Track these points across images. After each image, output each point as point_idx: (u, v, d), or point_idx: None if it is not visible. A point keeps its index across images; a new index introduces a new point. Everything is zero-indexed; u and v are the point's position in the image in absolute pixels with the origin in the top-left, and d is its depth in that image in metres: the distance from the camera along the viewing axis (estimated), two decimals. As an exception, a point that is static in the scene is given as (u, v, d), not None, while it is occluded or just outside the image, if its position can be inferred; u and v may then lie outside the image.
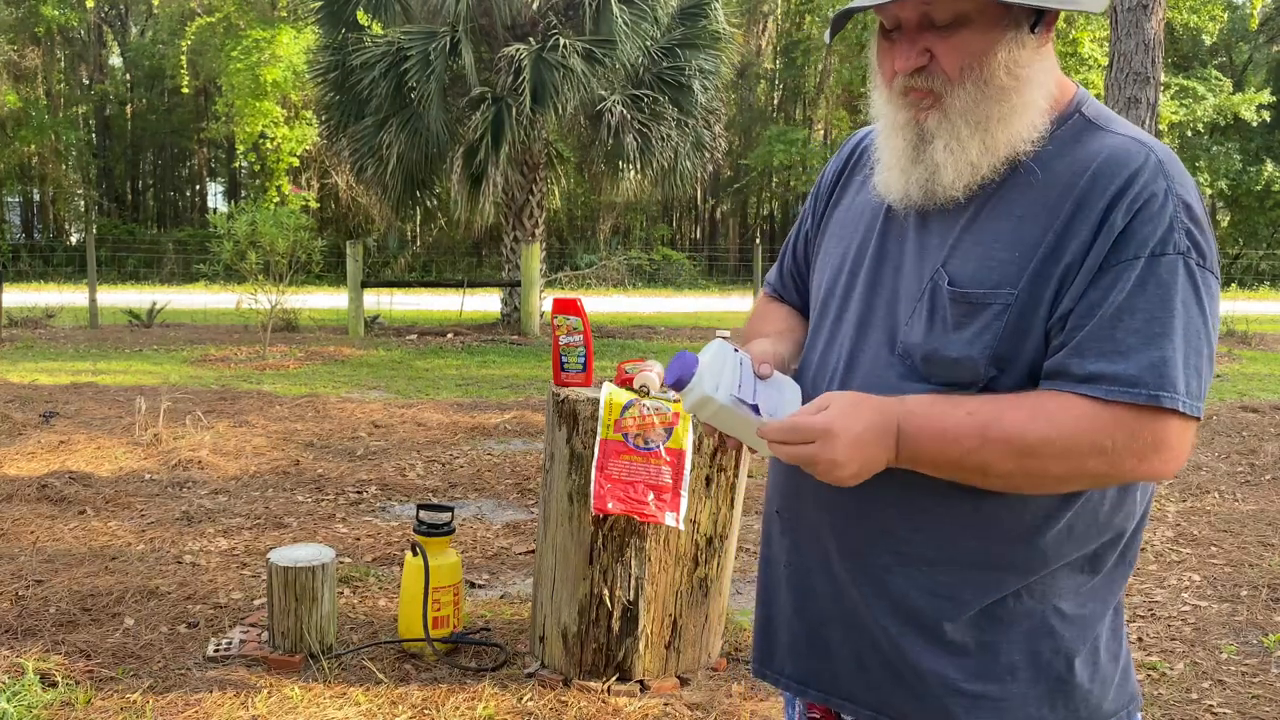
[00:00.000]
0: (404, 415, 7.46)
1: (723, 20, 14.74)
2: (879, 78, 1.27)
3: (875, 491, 1.23)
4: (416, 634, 3.22)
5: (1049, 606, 1.23)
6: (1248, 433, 6.99)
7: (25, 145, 28.46)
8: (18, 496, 5.02)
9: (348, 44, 14.02)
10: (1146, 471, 1.14)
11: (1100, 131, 1.21)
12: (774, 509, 1.42)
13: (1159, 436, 1.11)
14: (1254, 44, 31.95)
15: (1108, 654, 1.27)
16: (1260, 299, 22.91)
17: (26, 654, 3.19)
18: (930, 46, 1.19)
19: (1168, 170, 1.16)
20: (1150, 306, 1.11)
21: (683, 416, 2.87)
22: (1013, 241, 1.18)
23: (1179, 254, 1.12)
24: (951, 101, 1.20)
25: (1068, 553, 1.22)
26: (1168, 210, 1.13)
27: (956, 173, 1.21)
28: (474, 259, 29.16)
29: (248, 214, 11.70)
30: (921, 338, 1.22)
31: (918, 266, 1.25)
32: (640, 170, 14.12)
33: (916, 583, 1.24)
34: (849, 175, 1.43)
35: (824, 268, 1.40)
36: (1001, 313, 1.17)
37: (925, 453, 1.16)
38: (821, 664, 1.34)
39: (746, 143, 30.73)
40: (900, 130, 1.24)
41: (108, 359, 11.06)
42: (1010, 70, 1.18)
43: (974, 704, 1.23)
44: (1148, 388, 1.10)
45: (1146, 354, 1.10)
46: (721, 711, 2.90)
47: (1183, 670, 3.29)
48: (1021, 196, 1.20)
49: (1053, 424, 1.11)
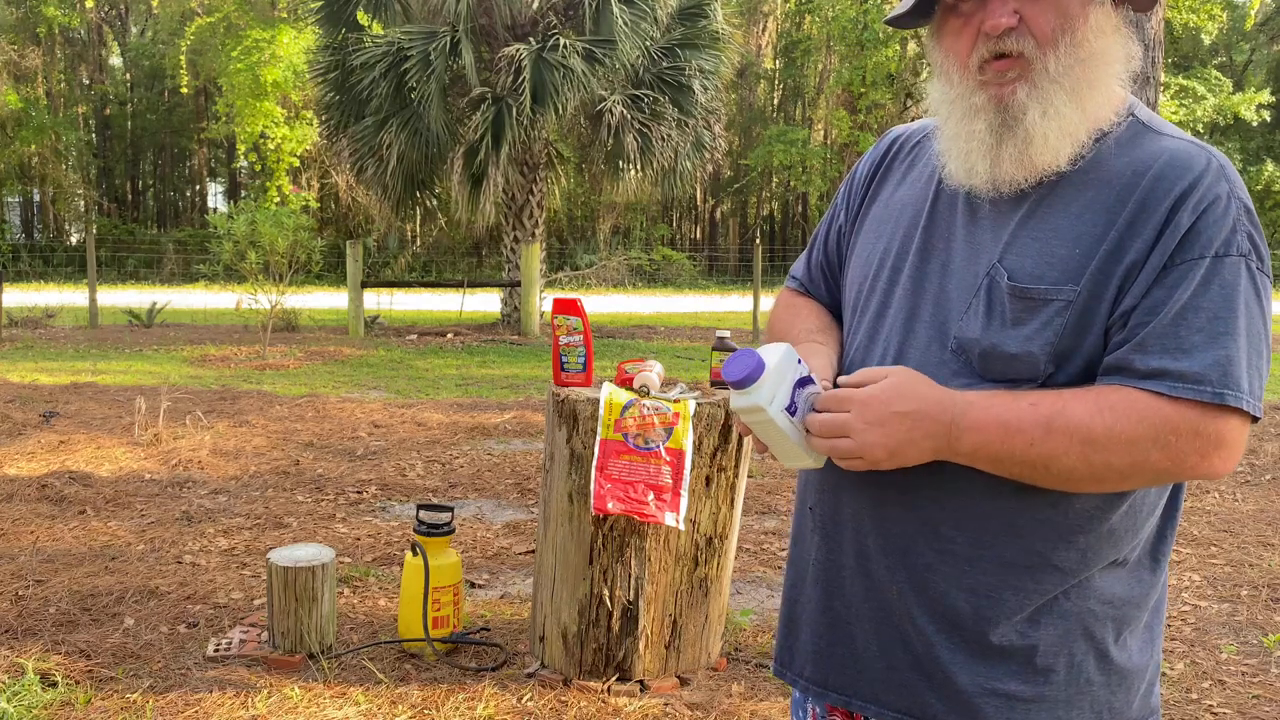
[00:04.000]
0: (404, 415, 7.46)
1: (722, 20, 14.75)
2: (949, 62, 1.23)
3: (919, 487, 1.23)
4: (416, 634, 3.22)
5: (1085, 609, 1.22)
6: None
7: (25, 145, 28.46)
8: (18, 496, 5.02)
9: (348, 44, 14.03)
10: (1206, 469, 1.14)
11: (1156, 135, 1.21)
12: (807, 505, 1.39)
13: (1221, 434, 1.12)
14: (1254, 44, 31.96)
15: (1140, 660, 1.27)
16: (1260, 299, 22.90)
17: (26, 654, 3.19)
18: (1018, 8, 1.17)
19: (1229, 175, 1.16)
20: (1214, 306, 1.12)
21: (683, 417, 2.87)
22: (1073, 238, 1.17)
23: (1241, 256, 1.13)
24: (1043, 67, 1.17)
25: (1106, 555, 1.22)
26: (1231, 213, 1.14)
27: (1059, 140, 1.18)
28: (474, 259, 29.17)
29: (248, 214, 11.70)
30: (979, 333, 1.20)
31: (970, 262, 1.23)
32: (640, 170, 14.12)
33: (957, 582, 1.23)
34: (886, 170, 1.41)
35: (862, 263, 1.38)
36: (1064, 309, 1.16)
37: (987, 445, 1.14)
38: (845, 665, 1.32)
39: (746, 143, 30.75)
40: (978, 113, 1.21)
41: (108, 359, 11.06)
42: (1098, 35, 1.17)
43: (1006, 704, 1.23)
44: (1213, 385, 1.10)
45: (1211, 352, 1.11)
46: (721, 711, 2.90)
47: (1183, 670, 3.29)
48: (1079, 194, 1.19)
49: (1118, 417, 1.11)
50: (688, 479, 2.85)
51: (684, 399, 2.91)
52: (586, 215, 30.48)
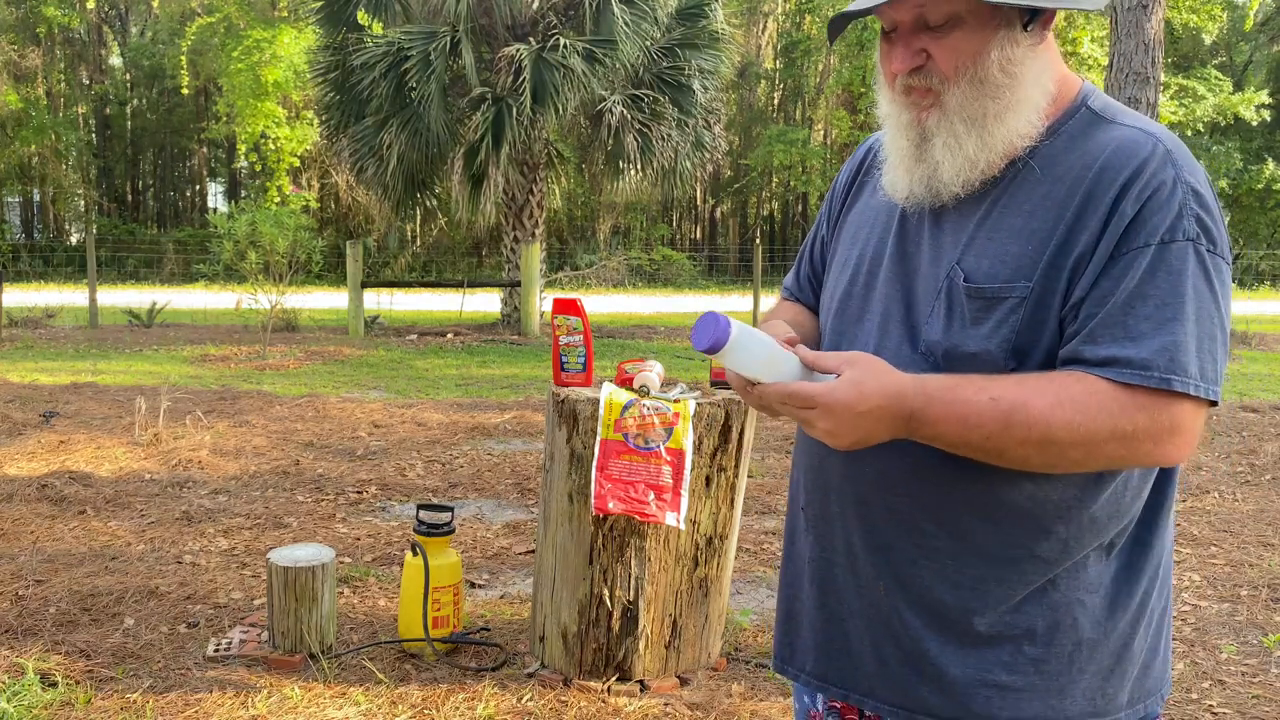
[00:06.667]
0: (404, 415, 7.46)
1: (723, 20, 14.74)
2: (882, 79, 1.30)
3: (897, 485, 1.26)
4: (416, 634, 3.22)
5: (1073, 598, 1.24)
6: (1248, 433, 6.99)
7: (25, 145, 28.46)
8: (18, 496, 5.02)
9: (348, 44, 14.02)
10: (1161, 455, 1.15)
11: (1107, 124, 1.23)
12: (799, 506, 1.44)
13: (1175, 421, 1.13)
14: (1254, 44, 31.95)
15: (1134, 652, 1.28)
16: (1260, 299, 22.92)
17: (26, 654, 3.19)
18: (926, 47, 1.22)
19: (1175, 158, 1.17)
20: (1161, 293, 1.13)
21: (683, 417, 2.87)
22: (1026, 235, 1.20)
23: (1189, 240, 1.14)
24: (948, 99, 1.22)
25: (1089, 542, 1.23)
26: (1176, 198, 1.15)
27: (955, 169, 1.23)
28: (474, 259, 29.16)
29: (248, 214, 11.70)
30: (941, 334, 1.24)
31: (934, 266, 1.27)
32: (640, 170, 14.12)
33: (942, 576, 1.26)
34: (863, 179, 1.46)
35: (840, 268, 1.42)
36: (1018, 306, 1.19)
37: (944, 437, 1.17)
38: (842, 659, 1.36)
39: (746, 143, 30.73)
40: (904, 130, 1.27)
41: (108, 359, 11.06)
42: (1004, 68, 1.20)
43: (998, 694, 1.25)
44: (1160, 371, 1.12)
45: (1158, 339, 1.12)
46: (721, 711, 2.90)
47: (1183, 670, 3.29)
48: (1031, 192, 1.22)
49: (1076, 410, 1.12)
50: (688, 479, 2.85)
51: (684, 399, 2.91)
52: (586, 215, 30.46)
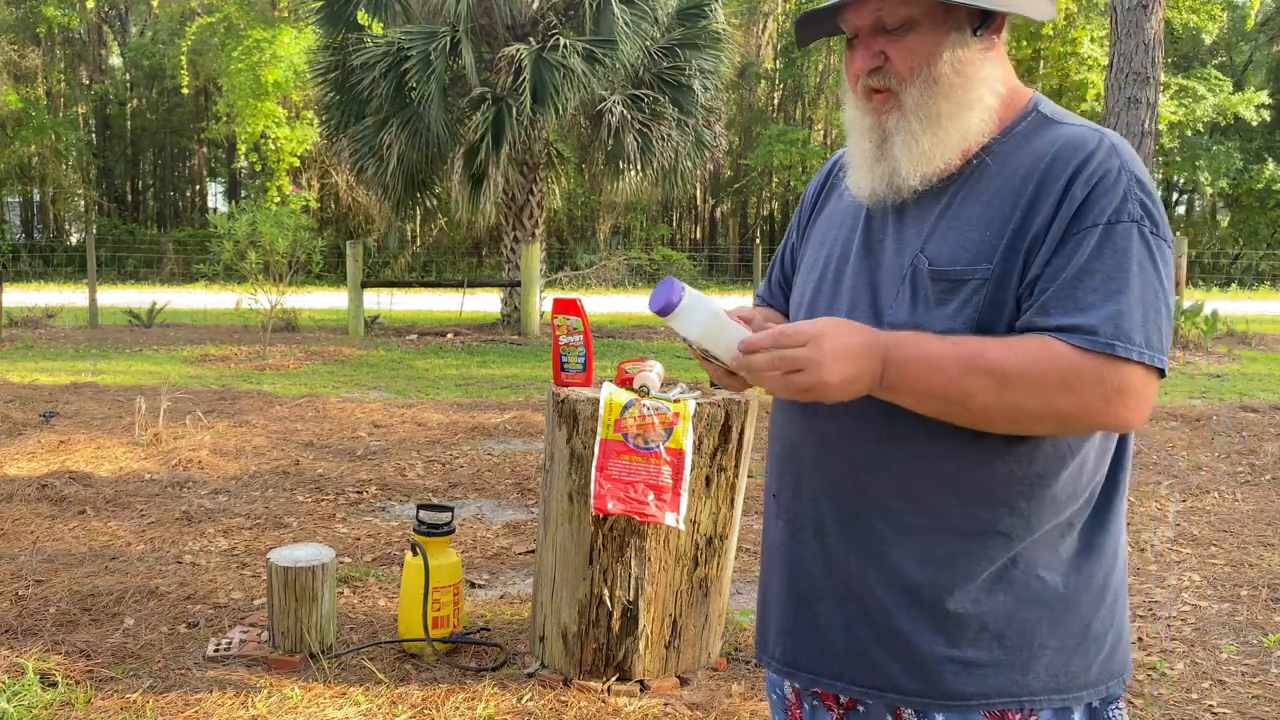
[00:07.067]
0: (404, 415, 7.46)
1: (723, 20, 14.74)
2: (847, 86, 1.40)
3: (869, 465, 1.34)
4: (416, 634, 3.22)
5: (1033, 576, 1.31)
6: (1248, 433, 6.99)
7: (25, 145, 28.46)
8: (18, 496, 5.02)
9: (348, 44, 14.02)
10: (1114, 416, 1.23)
11: (1056, 125, 1.34)
12: (771, 494, 1.49)
13: (1123, 383, 1.21)
14: (1254, 44, 31.95)
15: (1097, 628, 1.34)
16: (1260, 299, 22.90)
17: (26, 654, 3.19)
18: (884, 49, 1.33)
19: (1120, 151, 1.28)
20: (1108, 268, 1.23)
21: (683, 417, 2.87)
22: (984, 222, 1.30)
23: (1133, 221, 1.24)
24: (906, 99, 1.33)
25: (1049, 518, 1.30)
26: (1121, 184, 1.25)
27: (912, 164, 1.33)
28: (474, 259, 29.16)
29: (248, 214, 11.70)
30: (907, 316, 1.32)
31: (897, 256, 1.36)
32: (640, 170, 14.11)
33: (912, 554, 1.32)
34: (830, 189, 1.57)
35: (808, 269, 1.51)
36: (980, 286, 1.28)
37: (910, 378, 1.24)
38: (810, 643, 1.41)
39: (746, 143, 30.72)
40: (867, 133, 1.38)
41: (108, 359, 11.06)
42: (956, 69, 1.31)
43: (965, 670, 1.31)
44: (1105, 337, 1.21)
45: (1105, 308, 1.21)
46: (721, 711, 2.90)
47: (1183, 670, 3.29)
48: (988, 184, 1.32)
49: (1030, 360, 1.21)
50: (688, 479, 2.85)
51: (684, 399, 2.91)
52: (586, 215, 30.46)
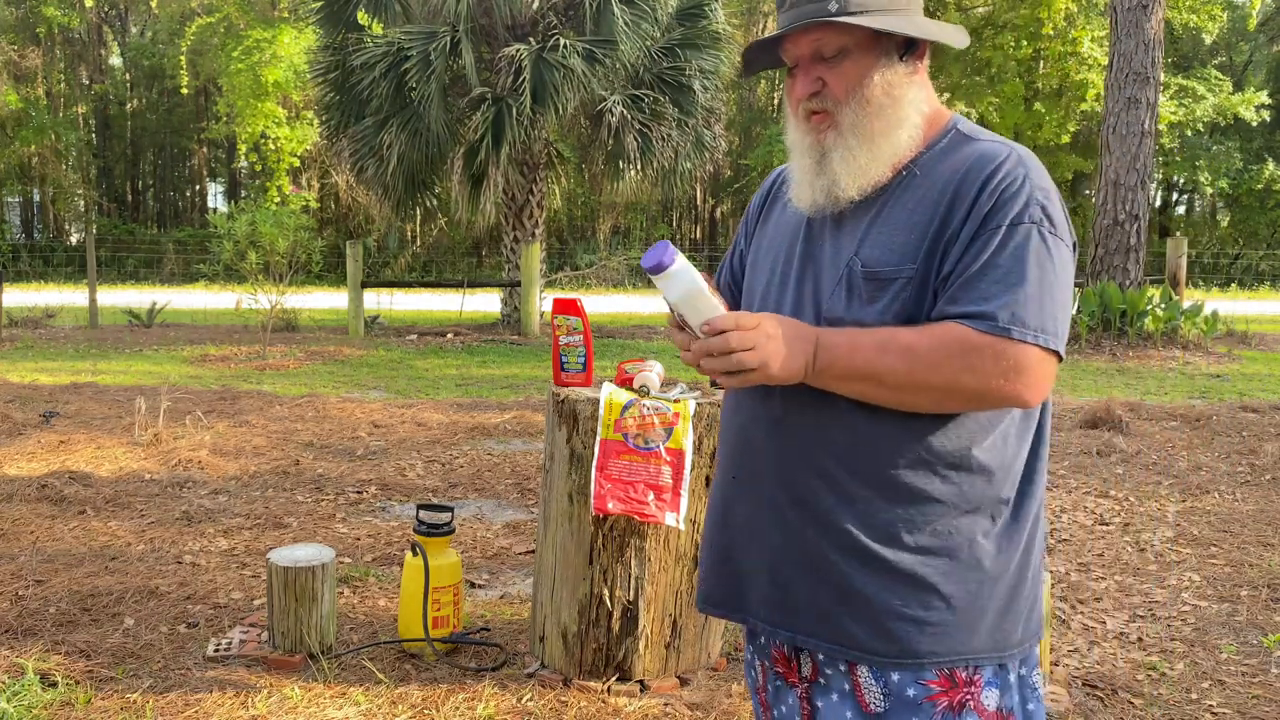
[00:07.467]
0: (404, 415, 7.46)
1: (723, 20, 14.73)
2: (789, 110, 1.56)
3: (816, 444, 1.50)
4: (416, 634, 3.22)
5: (973, 542, 1.47)
6: (1248, 433, 6.99)
7: (25, 145, 28.46)
8: (18, 496, 5.02)
9: (348, 44, 14.02)
10: (1014, 392, 1.40)
11: (972, 140, 1.51)
12: (730, 476, 1.64)
13: (1020, 362, 1.39)
14: (1254, 44, 31.95)
15: (1024, 592, 1.52)
16: (1260, 299, 22.89)
17: (26, 654, 3.19)
18: (822, 75, 1.50)
19: (1026, 162, 1.46)
20: (1008, 263, 1.40)
21: (683, 417, 2.87)
22: (908, 227, 1.47)
23: (1033, 223, 1.42)
24: (842, 119, 1.50)
25: (980, 487, 1.47)
26: (1025, 191, 1.43)
27: (850, 177, 1.50)
28: (474, 259, 29.16)
29: (248, 214, 11.70)
30: (843, 312, 1.49)
31: (835, 260, 1.53)
32: (640, 170, 14.10)
33: (857, 520, 1.48)
34: (772, 202, 1.74)
35: (758, 272, 1.68)
36: (906, 284, 1.46)
37: (837, 361, 1.42)
38: (786, 607, 1.55)
39: (746, 143, 30.73)
40: (807, 151, 1.55)
41: (108, 359, 11.06)
42: (886, 91, 1.49)
43: (917, 629, 1.46)
44: (1003, 322, 1.38)
45: (1004, 298, 1.39)
46: (721, 711, 2.90)
47: (1183, 670, 3.29)
48: (914, 193, 1.49)
49: (936, 340, 1.40)
50: (688, 479, 2.86)
51: (684, 399, 2.91)
52: (586, 215, 30.47)
